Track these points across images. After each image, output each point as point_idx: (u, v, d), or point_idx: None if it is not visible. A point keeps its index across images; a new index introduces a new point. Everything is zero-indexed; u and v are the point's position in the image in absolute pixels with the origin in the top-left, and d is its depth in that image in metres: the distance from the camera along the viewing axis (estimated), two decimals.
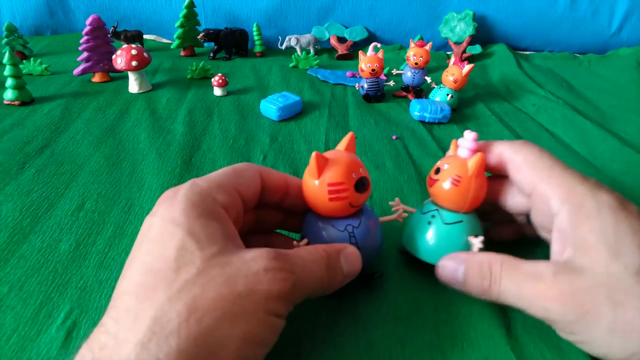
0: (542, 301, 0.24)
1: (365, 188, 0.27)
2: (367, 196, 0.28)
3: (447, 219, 0.30)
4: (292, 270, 0.23)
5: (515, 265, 0.26)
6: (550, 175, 0.27)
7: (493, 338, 0.28)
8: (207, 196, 0.24)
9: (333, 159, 0.27)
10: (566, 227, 0.25)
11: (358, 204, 0.28)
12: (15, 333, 0.27)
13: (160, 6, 0.88)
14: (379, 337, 0.28)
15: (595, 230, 0.24)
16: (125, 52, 0.60)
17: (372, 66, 0.59)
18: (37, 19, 0.87)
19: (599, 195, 0.25)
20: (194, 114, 0.58)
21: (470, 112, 0.62)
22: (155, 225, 0.23)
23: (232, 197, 0.25)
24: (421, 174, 0.46)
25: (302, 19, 0.89)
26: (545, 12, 0.88)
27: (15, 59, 0.57)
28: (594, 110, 0.64)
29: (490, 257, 0.27)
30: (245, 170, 0.27)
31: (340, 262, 0.26)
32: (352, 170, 0.27)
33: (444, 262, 0.29)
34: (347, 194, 0.27)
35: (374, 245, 0.29)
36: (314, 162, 0.26)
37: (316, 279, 0.24)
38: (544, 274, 0.24)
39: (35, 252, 0.34)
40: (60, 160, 0.46)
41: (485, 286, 0.27)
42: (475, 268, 0.27)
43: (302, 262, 0.24)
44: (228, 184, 0.26)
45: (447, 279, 0.29)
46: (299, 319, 0.29)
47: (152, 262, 0.21)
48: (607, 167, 0.49)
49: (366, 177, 0.28)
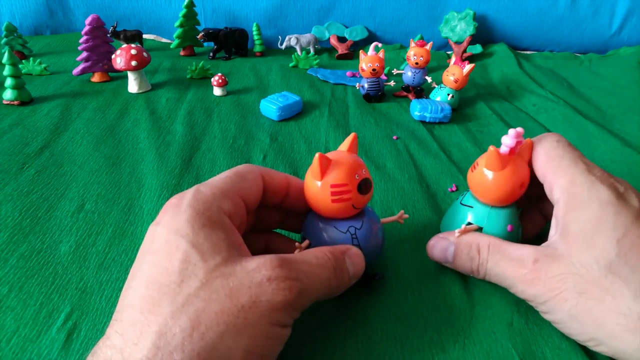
0: (521, 284, 0.27)
1: (367, 189, 0.27)
2: (369, 197, 0.28)
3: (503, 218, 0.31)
4: (297, 278, 0.22)
5: (502, 248, 0.28)
6: (559, 165, 0.28)
7: (494, 335, 0.28)
8: (211, 204, 0.24)
9: (336, 160, 0.27)
10: (559, 215, 0.27)
11: (361, 205, 0.28)
12: (16, 334, 0.27)
13: (160, 6, 0.87)
14: (379, 338, 0.28)
15: (578, 220, 0.26)
16: (125, 52, 0.60)
17: (372, 66, 0.59)
18: (36, 18, 0.87)
19: (595, 188, 0.26)
20: (194, 113, 0.58)
21: (471, 111, 0.62)
22: (159, 236, 0.23)
23: (236, 204, 0.25)
24: (422, 174, 0.46)
25: (302, 18, 0.88)
26: (545, 12, 0.88)
27: (14, 58, 0.57)
28: (595, 110, 0.64)
29: (479, 239, 0.29)
30: (247, 174, 0.27)
31: (346, 264, 0.26)
32: (355, 171, 0.27)
33: (434, 241, 0.31)
34: (350, 196, 0.26)
35: (376, 246, 0.29)
36: (317, 163, 0.26)
37: (324, 283, 0.24)
38: (525, 260, 0.27)
39: (35, 252, 0.34)
40: (60, 160, 0.46)
41: (474, 267, 0.29)
42: (464, 249, 0.30)
43: (308, 268, 0.24)
44: (231, 190, 0.25)
45: (437, 257, 0.31)
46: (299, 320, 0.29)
47: (156, 275, 0.21)
48: (608, 167, 0.48)
49: (369, 178, 0.27)
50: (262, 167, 0.28)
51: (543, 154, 0.29)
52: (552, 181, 0.28)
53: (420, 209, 0.40)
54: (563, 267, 0.25)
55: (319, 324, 0.28)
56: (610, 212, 0.25)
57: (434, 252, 0.31)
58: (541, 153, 0.29)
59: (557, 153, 0.29)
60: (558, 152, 0.29)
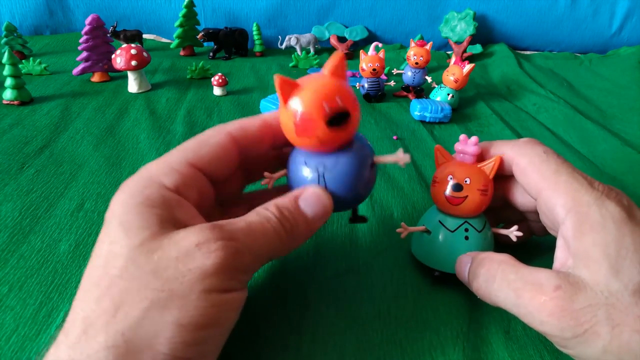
0: (540, 314, 0.23)
1: (340, 123, 0.22)
2: (346, 133, 0.23)
3: (478, 226, 0.29)
4: (231, 238, 0.21)
5: (515, 268, 0.25)
6: (556, 181, 0.26)
7: (493, 339, 0.28)
8: (152, 182, 0.23)
9: (304, 83, 0.23)
10: (570, 237, 0.25)
11: (332, 142, 0.23)
12: (15, 333, 0.27)
13: (160, 6, 0.88)
14: (379, 340, 0.28)
15: (598, 243, 0.24)
16: (125, 52, 0.60)
17: (373, 66, 0.59)
18: (36, 18, 0.87)
19: (605, 206, 0.24)
20: (194, 113, 0.58)
21: (471, 111, 0.62)
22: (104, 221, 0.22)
23: (187, 175, 0.24)
24: (421, 174, 0.46)
25: (302, 18, 0.88)
26: (545, 12, 0.88)
27: (14, 58, 0.57)
28: (595, 109, 0.64)
29: (492, 256, 0.27)
30: (209, 138, 0.25)
31: (301, 209, 0.24)
32: (323, 98, 0.22)
33: (457, 263, 0.29)
34: (313, 127, 0.22)
35: (353, 189, 0.25)
36: (278, 87, 0.22)
37: (269, 238, 0.23)
38: (545, 286, 0.23)
39: (35, 252, 0.34)
40: (60, 160, 0.46)
41: (482, 284, 0.26)
42: (475, 266, 0.27)
43: (245, 226, 0.22)
44: (181, 162, 0.24)
45: (461, 278, 0.29)
46: (298, 320, 0.29)
47: (91, 263, 0.21)
48: (608, 167, 0.49)
49: (346, 109, 0.22)
50: (232, 123, 0.26)
51: (532, 169, 0.27)
52: (551, 198, 0.26)
53: (420, 209, 0.40)
54: (591, 297, 0.22)
55: (319, 326, 0.28)
56: (627, 231, 0.23)
57: (459, 270, 0.29)
58: (529, 167, 0.27)
59: (550, 167, 0.27)
60: (550, 166, 0.27)
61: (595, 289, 0.23)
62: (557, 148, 0.52)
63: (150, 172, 0.23)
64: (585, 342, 0.22)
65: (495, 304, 0.26)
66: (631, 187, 0.45)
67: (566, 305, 0.23)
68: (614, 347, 0.22)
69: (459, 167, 0.29)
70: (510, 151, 0.29)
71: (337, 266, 0.33)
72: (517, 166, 0.28)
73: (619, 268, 0.23)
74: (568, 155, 0.51)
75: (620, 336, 0.22)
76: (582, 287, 0.23)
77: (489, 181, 0.29)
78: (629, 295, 0.22)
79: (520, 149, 0.28)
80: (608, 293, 0.22)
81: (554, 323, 0.23)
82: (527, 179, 0.28)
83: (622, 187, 0.41)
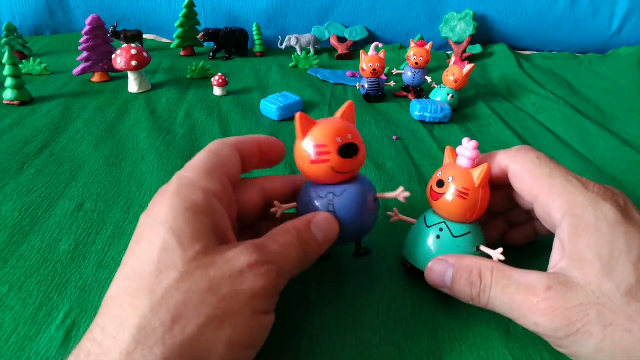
0: (533, 315, 0.24)
1: (350, 154, 0.26)
2: (355, 163, 0.27)
3: (455, 231, 0.29)
4: (273, 261, 0.22)
5: (507, 274, 0.25)
6: (551, 184, 0.26)
7: (492, 341, 0.28)
8: (196, 187, 0.23)
9: (320, 121, 0.27)
10: (565, 239, 0.25)
11: (343, 170, 0.27)
12: (15, 333, 0.27)
13: (160, 6, 0.88)
14: (377, 341, 0.28)
15: (592, 245, 0.24)
16: (125, 52, 0.60)
17: (373, 66, 0.59)
18: (36, 18, 0.87)
19: (600, 208, 0.25)
20: (194, 114, 0.58)
21: (470, 111, 0.62)
22: (143, 224, 0.22)
23: (223, 183, 0.25)
24: (421, 174, 0.46)
25: (302, 18, 0.88)
26: (545, 12, 0.88)
27: (14, 58, 0.57)
28: (595, 109, 0.64)
29: (480, 263, 0.27)
30: (222, 149, 0.26)
31: (312, 233, 0.25)
32: (337, 134, 0.26)
33: (432, 265, 0.28)
34: (328, 158, 0.26)
35: (358, 217, 0.27)
36: (298, 122, 0.26)
37: (294, 260, 0.24)
38: (537, 288, 0.24)
39: (34, 252, 0.34)
40: (60, 160, 0.46)
41: (474, 294, 0.26)
42: (464, 274, 0.27)
43: (278, 248, 0.23)
44: (216, 170, 0.25)
45: (435, 282, 0.28)
46: (298, 322, 0.29)
47: (137, 265, 0.21)
48: (608, 167, 0.49)
49: (355, 143, 0.26)
50: (233, 139, 0.28)
51: (526, 174, 0.27)
52: (546, 202, 0.26)
53: (420, 210, 0.40)
54: (582, 297, 0.23)
55: (318, 328, 0.28)
56: (621, 232, 0.24)
57: (432, 276, 0.28)
58: (523, 173, 0.28)
59: (543, 171, 0.27)
60: (544, 171, 0.27)
61: (587, 289, 0.23)
62: (557, 148, 0.53)
63: (189, 179, 0.24)
64: (578, 341, 0.23)
65: (492, 310, 0.26)
66: (631, 187, 0.45)
67: (557, 304, 0.23)
68: (607, 346, 0.22)
69: (450, 167, 0.30)
70: (504, 160, 0.29)
71: (336, 267, 0.33)
72: (511, 173, 0.28)
73: (611, 269, 0.23)
74: (568, 155, 0.51)
75: (613, 335, 0.22)
76: (573, 286, 0.23)
77: (472, 186, 0.28)
78: (621, 296, 0.23)
79: (513, 157, 0.28)
80: (600, 293, 0.23)
81: (547, 323, 0.23)
82: (522, 184, 0.28)
83: (621, 187, 0.41)
